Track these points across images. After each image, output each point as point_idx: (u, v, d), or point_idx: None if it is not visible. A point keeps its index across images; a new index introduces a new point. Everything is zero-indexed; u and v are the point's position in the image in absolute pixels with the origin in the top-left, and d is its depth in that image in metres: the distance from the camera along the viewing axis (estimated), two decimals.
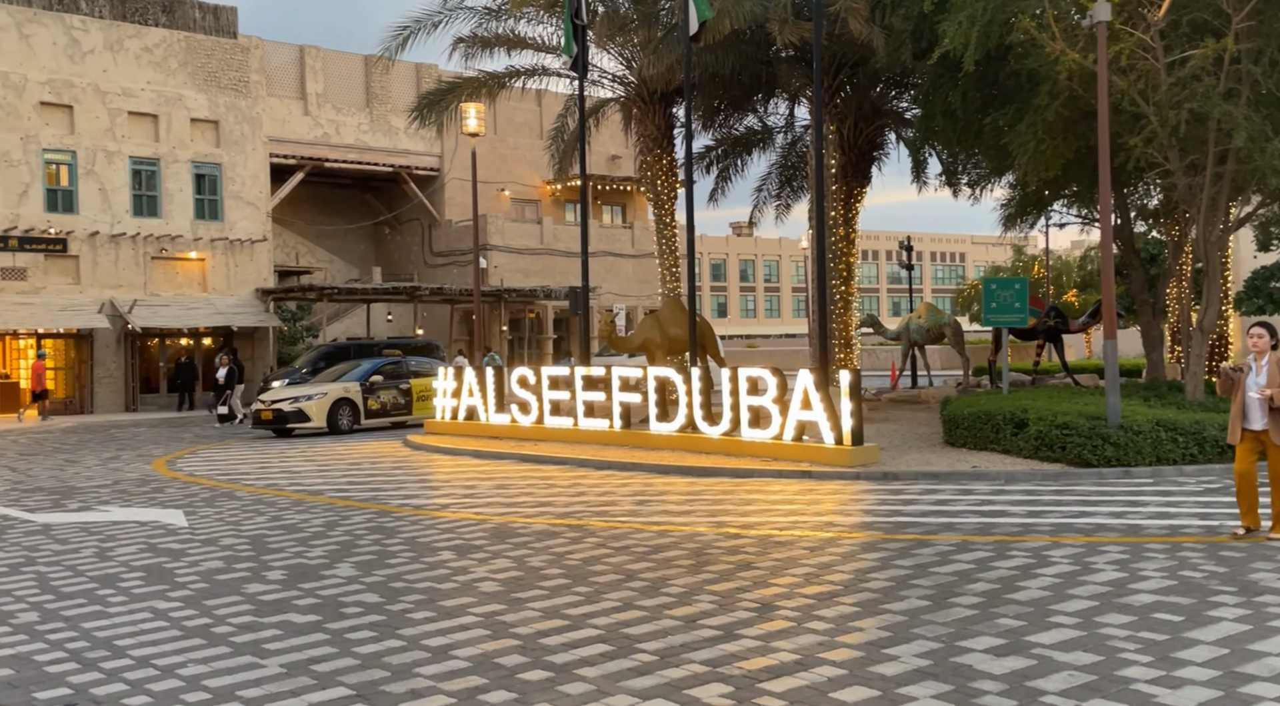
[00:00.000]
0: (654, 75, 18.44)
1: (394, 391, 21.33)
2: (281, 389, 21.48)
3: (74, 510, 11.38)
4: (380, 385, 21.10)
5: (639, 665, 5.42)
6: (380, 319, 38.18)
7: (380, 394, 21.01)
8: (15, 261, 27.86)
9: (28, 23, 27.94)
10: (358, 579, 7.69)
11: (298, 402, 19.90)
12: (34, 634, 6.38)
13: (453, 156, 38.09)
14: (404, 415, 21.41)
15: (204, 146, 31.13)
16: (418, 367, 22.38)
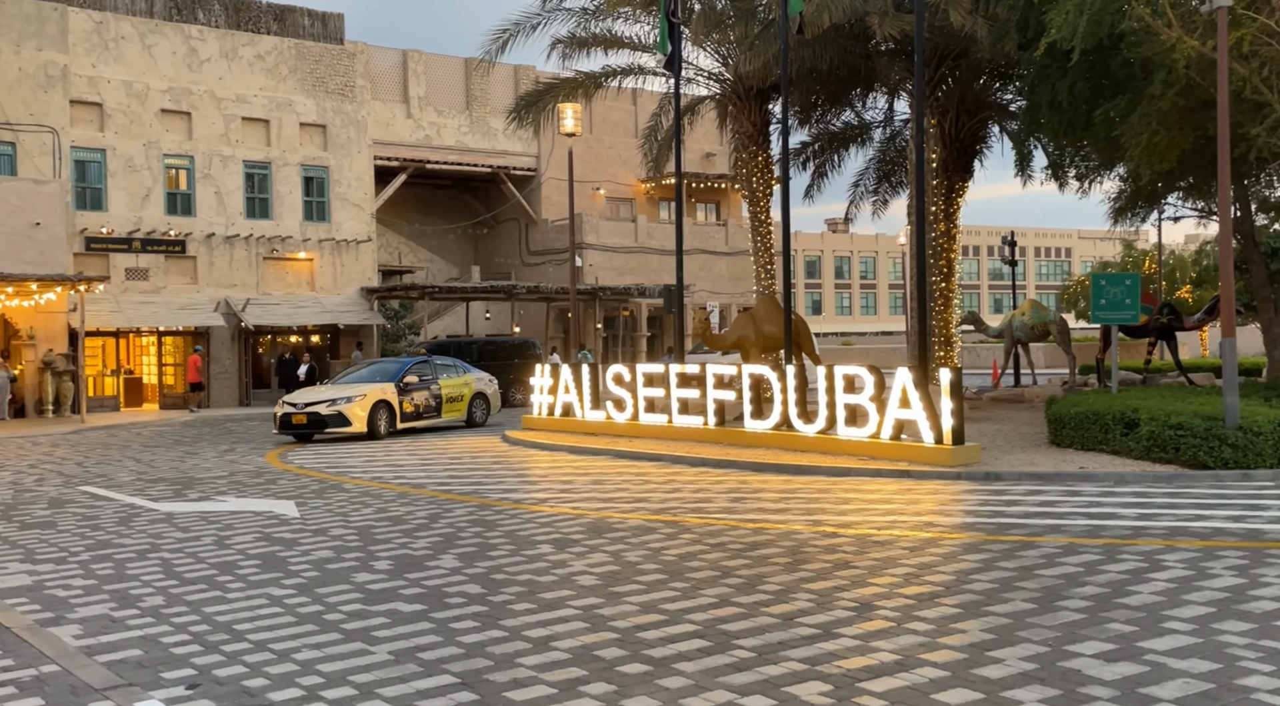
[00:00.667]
0: (750, 71, 18.35)
1: (426, 393, 20.05)
2: (310, 390, 20.01)
3: (194, 500, 11.94)
4: (414, 386, 19.81)
5: (737, 661, 5.44)
6: (479, 317, 38.91)
7: (414, 395, 19.72)
8: (138, 262, 29.29)
9: (150, 33, 29.34)
10: (460, 570, 7.89)
11: (336, 405, 18.48)
12: (160, 617, 6.73)
13: (549, 156, 38.56)
14: (434, 418, 20.26)
15: (312, 150, 32.21)
16: (444, 367, 21.26)
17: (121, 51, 28.81)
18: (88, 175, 28.53)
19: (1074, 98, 15.36)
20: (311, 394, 19.30)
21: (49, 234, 25.60)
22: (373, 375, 20.02)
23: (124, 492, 12.59)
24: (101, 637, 6.24)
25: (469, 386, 21.39)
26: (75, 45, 27.99)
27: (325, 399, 18.71)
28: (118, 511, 11.13)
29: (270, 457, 16.45)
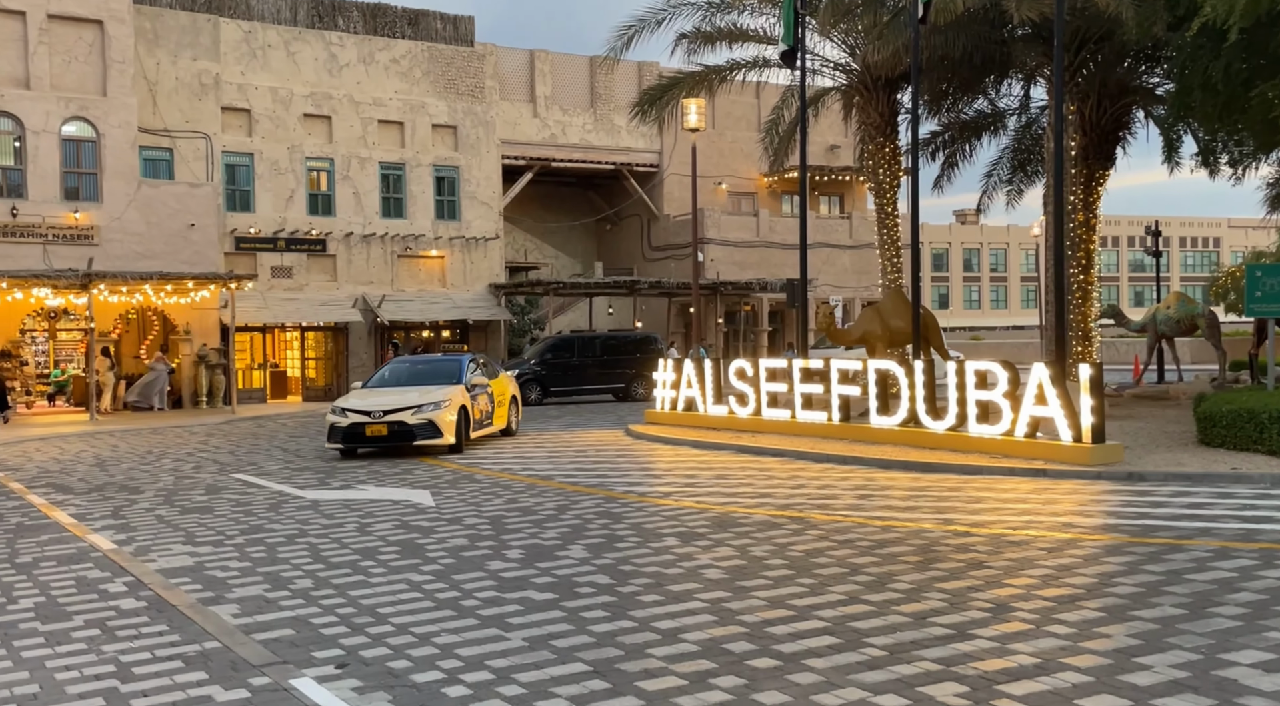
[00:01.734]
0: (879, 61, 18.00)
1: (485, 396, 17.24)
2: (371, 394, 16.18)
3: (337, 488, 12.51)
4: (479, 388, 16.93)
5: (868, 659, 5.39)
6: (601, 312, 39.39)
7: (479, 399, 16.86)
8: (283, 261, 30.79)
9: (294, 41, 30.77)
10: (589, 561, 8.04)
11: (423, 412, 15.19)
12: (309, 599, 7.09)
13: (671, 152, 38.66)
14: (488, 427, 17.42)
15: (444, 150, 33.20)
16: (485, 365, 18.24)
17: (268, 59, 30.30)
18: (237, 178, 30.14)
19: (1229, 79, 14.51)
20: (376, 398, 15.58)
21: (203, 235, 27.16)
22: (429, 374, 16.70)
23: (273, 480, 13.28)
24: (257, 617, 6.63)
25: (508, 388, 18.72)
26: (226, 54, 29.58)
27: (408, 405, 15.16)
28: (268, 498, 11.75)
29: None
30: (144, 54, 27.81)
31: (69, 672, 5.53)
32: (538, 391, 28.51)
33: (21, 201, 24.80)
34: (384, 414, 15.20)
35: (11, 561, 8.48)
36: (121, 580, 7.71)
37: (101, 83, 25.73)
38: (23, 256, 24.64)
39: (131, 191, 26.18)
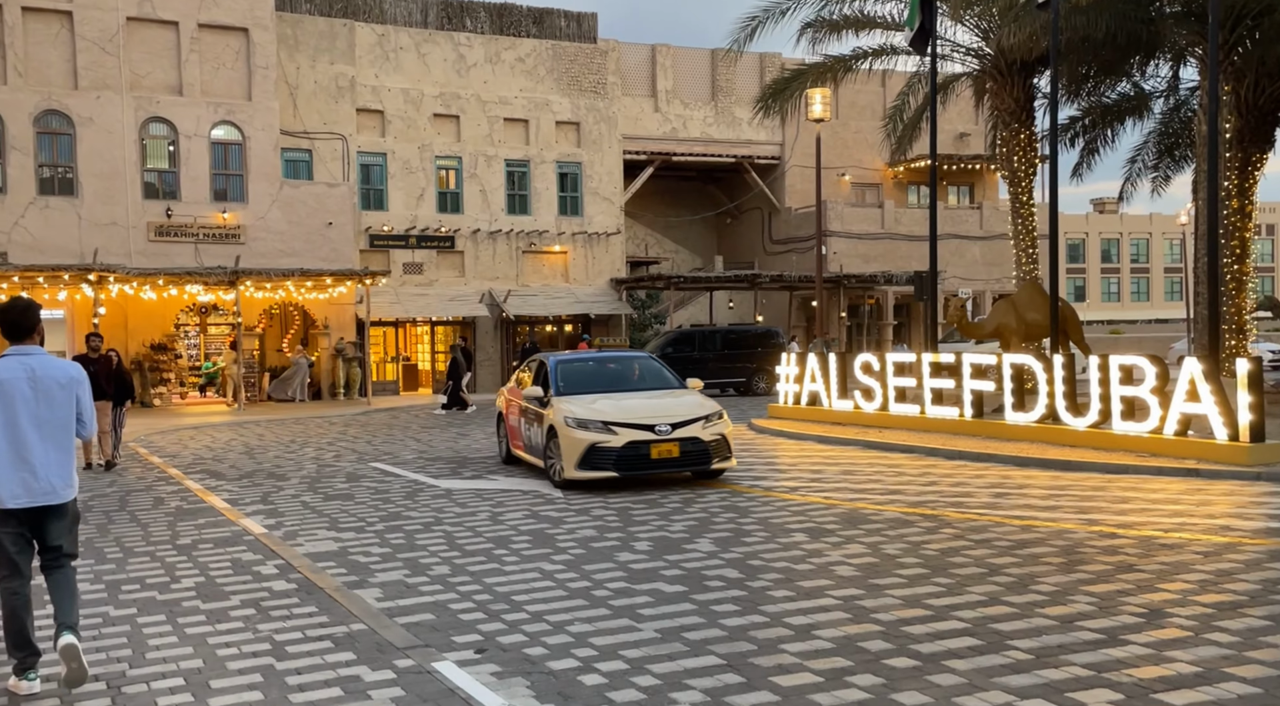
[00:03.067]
0: (1014, 44, 17.33)
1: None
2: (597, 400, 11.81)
3: (469, 477, 12.84)
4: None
5: (1013, 662, 5.21)
6: (721, 306, 39.28)
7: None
8: (414, 257, 31.80)
9: (424, 42, 31.71)
10: (717, 554, 8.02)
11: (711, 425, 11.51)
12: (447, 585, 7.30)
13: (793, 144, 38.23)
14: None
15: (567, 147, 33.67)
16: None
17: (400, 61, 31.30)
18: (371, 177, 31.26)
19: None
20: (613, 406, 11.57)
21: (340, 232, 28.28)
22: (628, 376, 13.16)
23: (408, 469, 13.73)
24: (399, 601, 6.86)
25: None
26: (361, 58, 30.69)
27: (693, 415, 11.40)
28: (404, 486, 12.15)
29: None
30: (285, 59, 29.11)
31: (229, 649, 5.84)
32: None
33: (175, 202, 26.31)
34: (673, 428, 11.11)
35: (173, 542, 9.01)
36: (272, 563, 8.09)
37: (247, 88, 27.05)
38: (176, 255, 26.15)
39: (274, 191, 27.46)
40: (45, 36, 25.03)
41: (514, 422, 13.33)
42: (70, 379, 5.32)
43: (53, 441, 5.20)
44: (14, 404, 5.12)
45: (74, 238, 25.18)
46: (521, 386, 13.28)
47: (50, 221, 25.03)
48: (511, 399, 13.61)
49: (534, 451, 12.46)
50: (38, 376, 5.20)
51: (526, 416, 12.70)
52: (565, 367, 12.75)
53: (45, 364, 5.26)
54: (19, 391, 5.14)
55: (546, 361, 12.96)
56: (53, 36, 25.08)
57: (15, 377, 5.15)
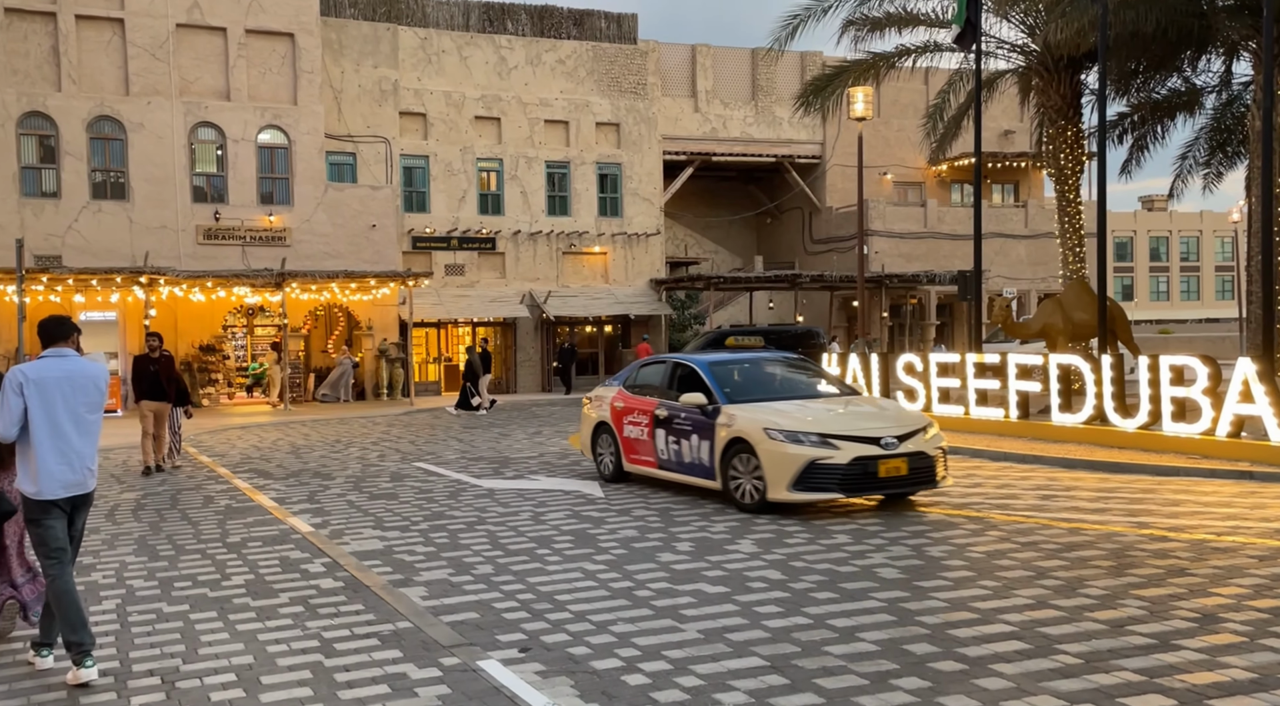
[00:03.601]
0: (1061, 40, 17.07)
1: None
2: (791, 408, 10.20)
3: (510, 477, 12.92)
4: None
5: (1061, 666, 5.15)
6: (761, 306, 39.15)
7: None
8: (455, 259, 32.05)
9: (466, 45, 31.96)
10: (759, 555, 8.01)
11: (929, 437, 10.08)
12: (491, 584, 7.36)
13: (834, 143, 37.99)
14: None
15: (607, 148, 33.75)
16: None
17: (442, 64, 31.57)
18: (414, 180, 31.56)
19: None
20: (849, 419, 10.04)
21: (383, 235, 28.58)
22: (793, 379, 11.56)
23: (450, 469, 13.85)
24: (444, 599, 6.93)
25: None
26: (404, 61, 31.00)
27: (911, 428, 9.97)
28: (447, 486, 12.26)
29: (573, 441, 17.45)
30: (329, 63, 29.49)
31: (278, 646, 5.94)
32: None
33: (223, 206, 26.75)
34: (899, 441, 9.69)
35: (223, 540, 9.17)
36: (320, 561, 8.20)
37: (292, 92, 27.44)
38: (224, 257, 26.59)
39: (319, 194, 27.82)
40: (98, 44, 25.58)
41: (636, 434, 11.41)
42: (103, 378, 5.75)
43: (86, 435, 5.61)
44: (54, 401, 5.49)
45: (125, 241, 25.70)
46: (638, 392, 11.62)
47: (103, 225, 25.56)
48: (631, 406, 11.58)
49: (683, 468, 10.70)
50: (74, 377, 5.59)
51: (671, 427, 10.81)
52: (721, 371, 11.04)
53: (79, 365, 5.67)
54: (59, 389, 5.51)
55: (689, 364, 11.26)
56: (105, 44, 25.62)
57: (54, 376, 5.52)
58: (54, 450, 5.43)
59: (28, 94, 24.87)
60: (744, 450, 9.84)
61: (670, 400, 11.06)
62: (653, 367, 12.12)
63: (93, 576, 7.82)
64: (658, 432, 11.12)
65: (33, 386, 5.44)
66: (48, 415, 5.44)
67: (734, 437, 9.94)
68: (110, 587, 7.44)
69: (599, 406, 12.34)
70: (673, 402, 10.98)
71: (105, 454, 16.54)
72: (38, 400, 5.43)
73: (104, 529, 9.86)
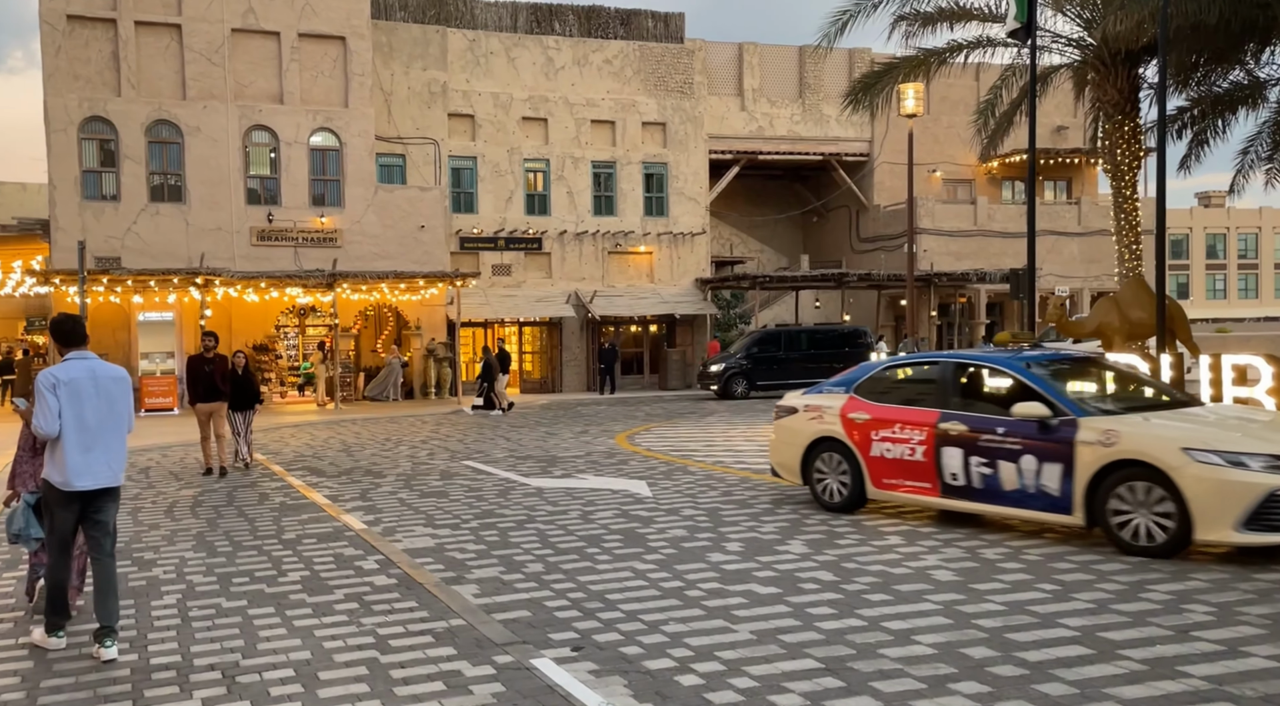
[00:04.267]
0: (1119, 33, 16.70)
1: None
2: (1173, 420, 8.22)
3: (558, 476, 12.97)
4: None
5: (1126, 672, 5.04)
6: (807, 305, 38.90)
7: None
8: (502, 259, 32.26)
9: (514, 47, 32.15)
10: (810, 556, 7.94)
11: None
12: (542, 583, 7.38)
13: (883, 141, 37.64)
14: None
15: (653, 147, 33.74)
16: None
17: (490, 66, 31.78)
18: (461, 181, 31.82)
19: None
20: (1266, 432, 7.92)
21: (432, 235, 28.85)
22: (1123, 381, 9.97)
23: (499, 468, 13.93)
24: (496, 597, 6.96)
25: None
26: (452, 63, 31.26)
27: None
28: (496, 484, 12.33)
29: (619, 440, 17.48)
30: (380, 66, 29.83)
31: (335, 642, 6.01)
32: (744, 385, 28.59)
33: (276, 208, 27.18)
34: None
35: (279, 537, 9.31)
36: (373, 558, 8.29)
37: (344, 95, 27.79)
38: (277, 258, 27.01)
39: (369, 196, 28.15)
40: (156, 49, 26.12)
41: (899, 453, 9.27)
42: (124, 378, 6.17)
43: (112, 432, 6.02)
44: (81, 399, 5.92)
45: (182, 243, 26.21)
46: (889, 400, 9.64)
47: (160, 227, 26.10)
48: (885, 418, 9.48)
49: (999, 497, 8.51)
50: (98, 376, 6.02)
51: (976, 446, 8.64)
52: (1051, 374, 8.94)
53: (102, 366, 6.10)
54: (84, 389, 5.95)
55: (997, 366, 9.26)
56: (163, 49, 26.16)
57: (81, 377, 5.96)
58: (80, 445, 5.85)
59: (89, 99, 25.47)
60: (1136, 477, 7.57)
61: (968, 410, 8.91)
62: (910, 369, 10.28)
63: (154, 571, 7.98)
64: (946, 452, 8.85)
65: (63, 387, 5.87)
66: (76, 413, 5.86)
67: (1118, 460, 7.68)
68: (171, 582, 7.59)
69: (817, 418, 10.06)
70: (981, 415, 8.81)
71: (163, 451, 16.90)
72: (68, 399, 5.87)
73: (163, 525, 10.06)
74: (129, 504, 11.40)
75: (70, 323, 6.20)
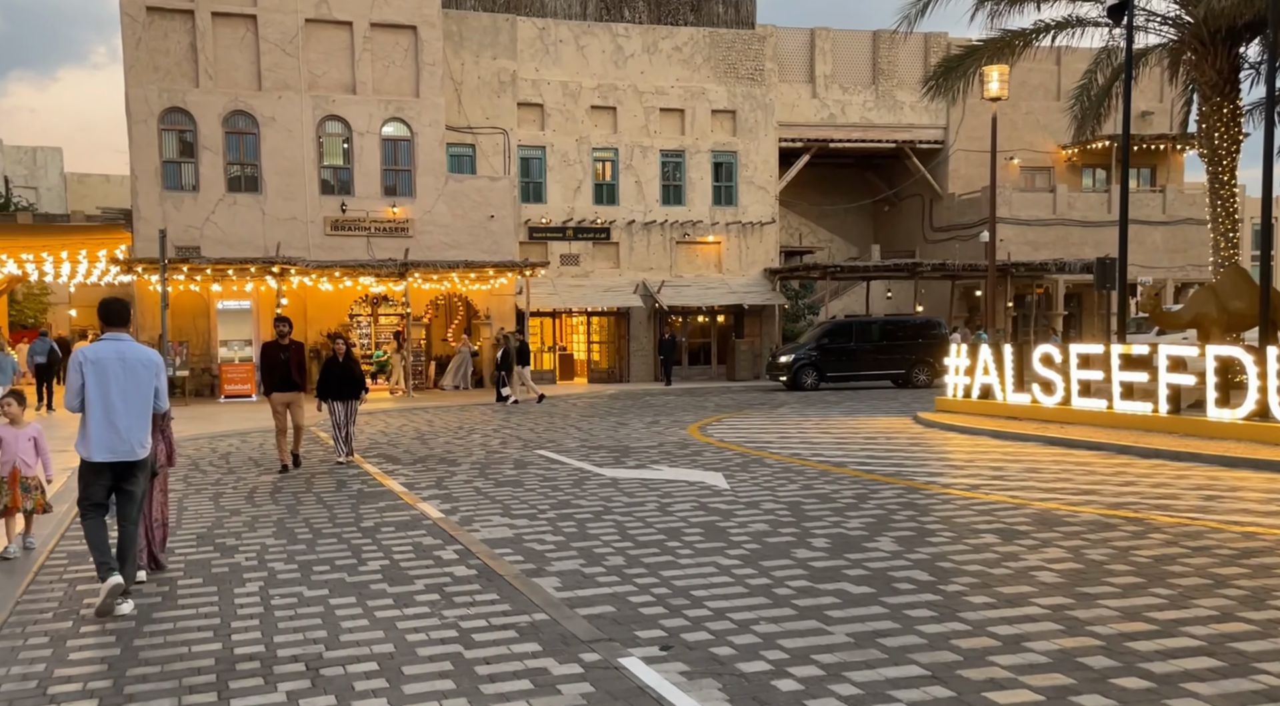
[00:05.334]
0: (1221, 9, 15.96)
1: None
2: None
3: (632, 467, 12.77)
4: None
5: (1265, 688, 4.66)
6: (878, 296, 38.16)
7: None
8: (570, 249, 32.19)
9: (583, 35, 31.99)
10: (901, 554, 7.62)
11: None
12: (624, 577, 7.18)
13: (958, 127, 36.71)
14: None
15: (722, 136, 33.34)
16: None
17: (559, 54, 31.68)
18: (530, 171, 31.80)
19: None
20: None
21: (501, 225, 28.87)
22: None
23: (572, 457, 13.79)
24: (578, 592, 6.78)
25: None
26: (522, 52, 31.22)
27: None
28: (570, 474, 12.19)
29: (691, 430, 17.24)
30: (450, 56, 29.90)
31: (417, 635, 5.87)
32: (814, 376, 28.14)
33: (349, 198, 27.44)
34: None
35: (357, 524, 9.26)
36: (451, 548, 8.18)
37: (415, 85, 27.91)
38: (351, 248, 27.27)
39: (440, 186, 28.27)
40: (232, 40, 26.50)
41: None
42: (151, 361, 6.43)
43: (135, 410, 6.32)
44: (107, 379, 6.23)
45: (258, 232, 26.61)
46: None
47: (237, 217, 26.52)
48: None
49: None
50: (125, 357, 6.31)
51: None
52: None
53: (132, 348, 6.39)
54: (111, 368, 6.25)
55: None
56: (239, 40, 26.53)
57: (108, 357, 6.27)
58: (104, 421, 6.19)
59: (168, 90, 25.94)
60: None
61: None
62: None
63: (236, 558, 7.97)
64: None
65: (90, 365, 6.21)
66: (101, 390, 6.19)
67: None
68: (253, 569, 7.56)
69: None
70: None
71: (243, 437, 17.11)
72: (93, 377, 6.20)
73: (244, 511, 10.10)
74: (210, 489, 11.50)
75: (115, 304, 6.48)
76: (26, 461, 7.90)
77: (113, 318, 6.45)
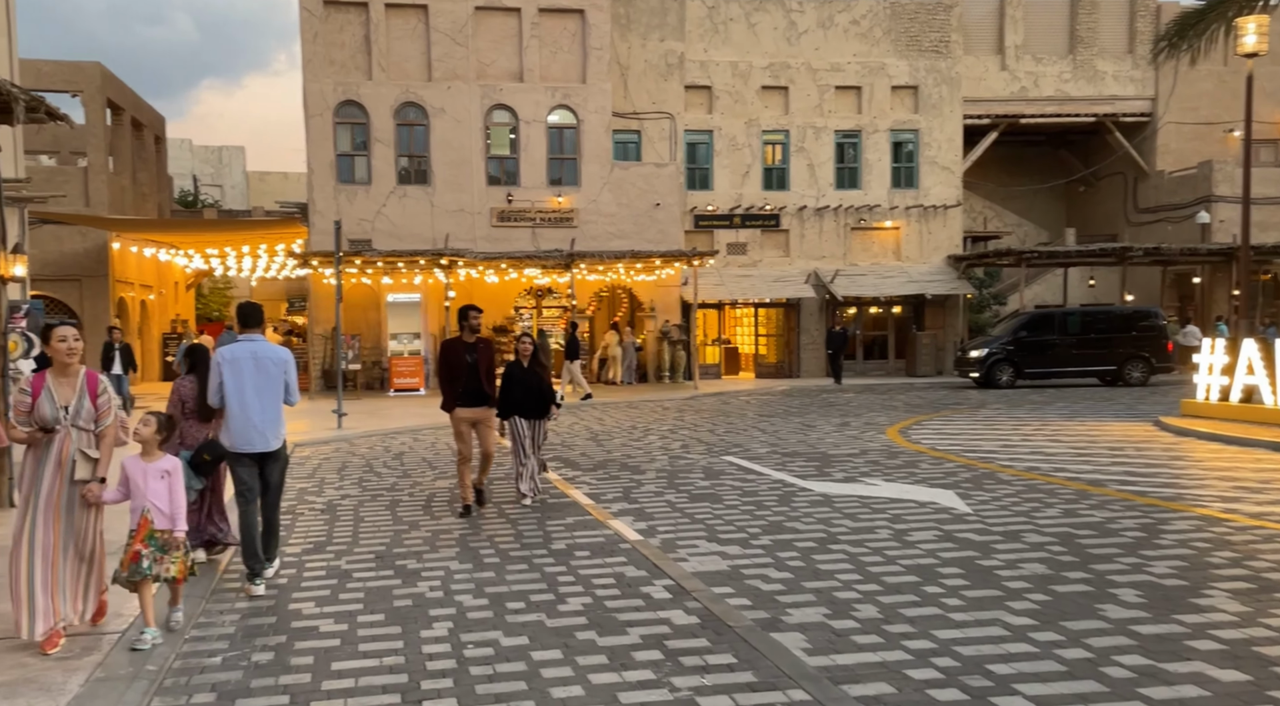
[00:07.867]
0: None
1: None
2: None
3: (840, 480, 11.23)
4: None
5: None
6: (1075, 284, 35.02)
7: None
8: (738, 237, 30.69)
9: (754, 12, 30.38)
10: (1254, 619, 5.86)
11: None
12: (886, 636, 5.70)
13: (1168, 98, 33.20)
14: None
15: (902, 114, 31.11)
16: None
17: (729, 33, 30.19)
18: (697, 156, 30.46)
19: None
20: None
21: (666, 213, 27.67)
22: None
23: (766, 465, 12.36)
24: (835, 657, 5.36)
25: None
26: (690, 32, 29.90)
27: None
28: (771, 487, 10.77)
29: (891, 434, 15.54)
30: (617, 39, 28.87)
31: None
32: (1010, 373, 25.78)
33: (515, 188, 26.81)
34: None
35: (546, 545, 8.13)
36: (660, 583, 6.91)
37: (581, 71, 27.01)
38: (516, 239, 26.65)
39: (605, 174, 27.29)
40: (404, 31, 26.24)
41: None
42: (281, 359, 6.86)
43: (269, 404, 6.78)
44: (242, 376, 6.72)
45: (427, 224, 26.30)
46: None
47: (407, 209, 26.28)
48: None
49: None
50: (259, 356, 6.78)
51: None
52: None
53: (264, 347, 6.84)
54: (246, 367, 6.73)
55: None
56: (410, 30, 26.25)
57: (244, 357, 6.76)
58: (240, 415, 6.68)
59: (343, 83, 25.90)
60: None
61: None
62: None
63: (419, 587, 6.93)
64: None
65: (227, 365, 6.71)
66: (237, 387, 6.68)
67: None
68: (439, 604, 6.48)
69: None
70: None
71: (414, 435, 16.49)
72: (230, 375, 6.71)
73: (423, 524, 9.15)
74: (386, 495, 10.68)
75: (250, 308, 6.98)
76: (160, 509, 5.73)
77: (248, 320, 6.94)
